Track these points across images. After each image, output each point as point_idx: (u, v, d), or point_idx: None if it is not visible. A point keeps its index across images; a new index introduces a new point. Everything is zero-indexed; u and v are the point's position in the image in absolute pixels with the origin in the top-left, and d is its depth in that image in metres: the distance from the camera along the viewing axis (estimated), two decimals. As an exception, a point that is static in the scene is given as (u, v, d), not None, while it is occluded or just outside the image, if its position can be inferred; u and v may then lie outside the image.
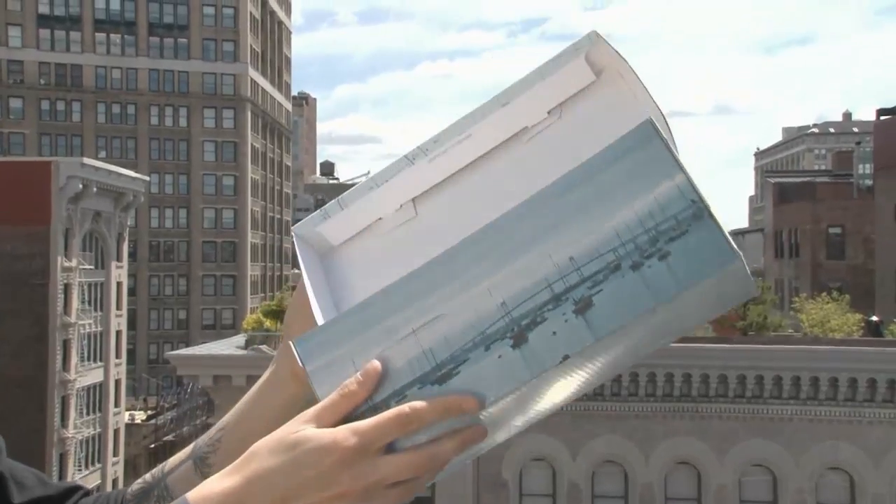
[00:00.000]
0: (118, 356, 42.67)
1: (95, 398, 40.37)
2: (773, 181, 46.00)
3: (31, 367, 36.13)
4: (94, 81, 59.54)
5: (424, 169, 1.09)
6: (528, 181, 0.99)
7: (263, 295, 58.95)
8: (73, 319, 37.73)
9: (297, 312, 1.09)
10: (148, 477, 1.14)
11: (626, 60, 1.02)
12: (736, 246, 0.84)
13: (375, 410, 0.87)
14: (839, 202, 39.39)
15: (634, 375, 20.27)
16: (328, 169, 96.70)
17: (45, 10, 57.21)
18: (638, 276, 0.84)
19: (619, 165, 0.87)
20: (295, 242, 1.10)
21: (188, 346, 34.87)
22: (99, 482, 39.23)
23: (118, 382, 42.76)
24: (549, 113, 1.08)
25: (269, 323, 26.77)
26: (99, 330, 40.72)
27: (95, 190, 38.88)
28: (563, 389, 0.91)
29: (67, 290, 37.67)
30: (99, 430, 40.68)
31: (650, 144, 0.87)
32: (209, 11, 59.94)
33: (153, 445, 43.91)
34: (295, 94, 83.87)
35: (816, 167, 71.67)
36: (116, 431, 42.52)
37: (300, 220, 1.14)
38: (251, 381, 1.71)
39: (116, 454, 42.45)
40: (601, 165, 0.88)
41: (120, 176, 41.75)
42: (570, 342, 0.85)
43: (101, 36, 59.38)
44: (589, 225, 0.86)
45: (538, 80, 1.06)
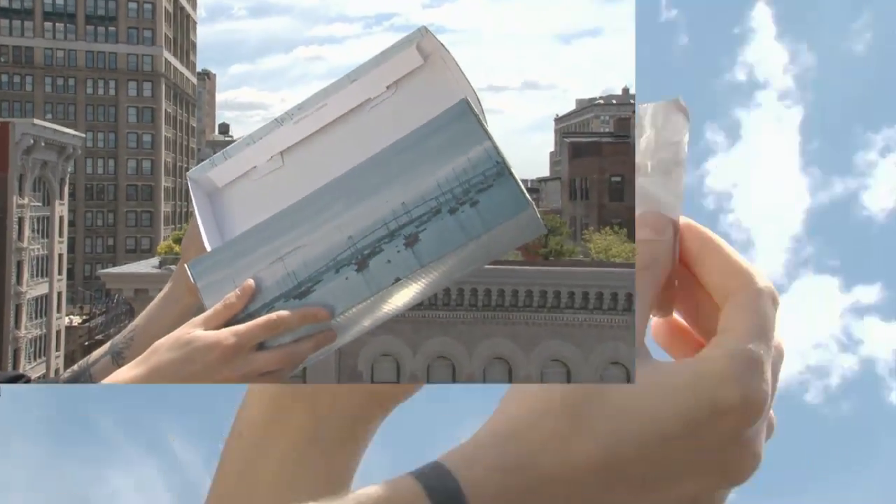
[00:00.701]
0: (60, 273, 44.28)
1: (42, 306, 41.82)
2: (568, 140, 48.54)
3: (-9, 281, 35.94)
4: (42, 60, 65.16)
5: (290, 130, 1.18)
6: (369, 142, 1.09)
7: (174, 226, 64.01)
8: (25, 245, 39.10)
9: (191, 241, 1.16)
10: (76, 367, 1.19)
11: (447, 50, 1.14)
12: (529, 197, 0.95)
13: (250, 318, 0.96)
14: (619, 157, 40.83)
15: (461, 290, 21.59)
16: (224, 129, 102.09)
17: (4, 3, 63.71)
18: (454, 218, 0.94)
19: (441, 133, 0.98)
20: (189, 184, 1.20)
21: (115, 266, 34.43)
22: (44, 371, 40.46)
23: (60, 294, 44.31)
24: (387, 88, 1.18)
25: (177, 248, 25.34)
26: (45, 253, 42.02)
27: (43, 144, 40.30)
28: (397, 301, 1.00)
29: (21, 222, 38.81)
30: (45, 331, 42.00)
31: (465, 118, 0.98)
32: (133, 6, 67.11)
33: (87, 343, 39.90)
34: (199, 70, 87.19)
35: (602, 130, 70.48)
36: (58, 332, 43.98)
37: None
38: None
39: (58, 350, 43.80)
40: (428, 133, 0.99)
41: (63, 133, 43.35)
42: (400, 268, 0.95)
43: (48, 24, 65.30)
44: (418, 178, 0.96)
45: (380, 62, 1.15)
